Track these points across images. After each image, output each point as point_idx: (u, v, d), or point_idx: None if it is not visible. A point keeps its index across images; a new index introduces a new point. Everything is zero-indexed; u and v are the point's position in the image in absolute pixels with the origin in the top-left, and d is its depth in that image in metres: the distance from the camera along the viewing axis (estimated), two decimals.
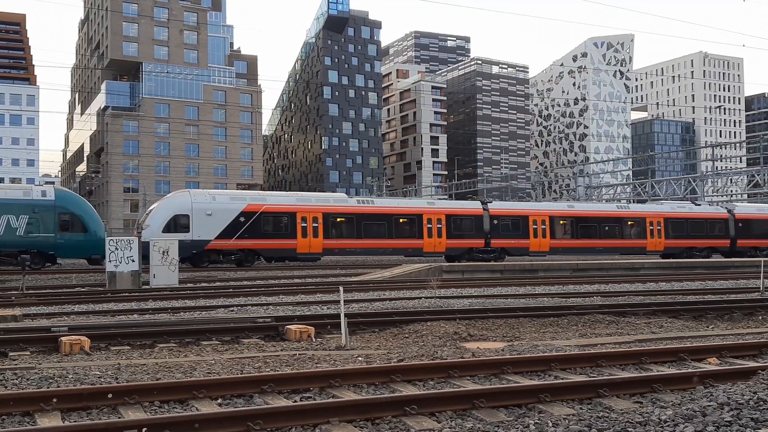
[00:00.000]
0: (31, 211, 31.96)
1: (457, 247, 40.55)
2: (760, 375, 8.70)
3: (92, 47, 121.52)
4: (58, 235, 32.42)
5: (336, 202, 39.12)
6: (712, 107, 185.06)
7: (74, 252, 33.56)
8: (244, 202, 36.00)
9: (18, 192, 33.23)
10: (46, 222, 32.13)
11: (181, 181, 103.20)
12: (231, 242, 35.04)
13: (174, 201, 35.29)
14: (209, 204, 34.89)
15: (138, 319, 15.02)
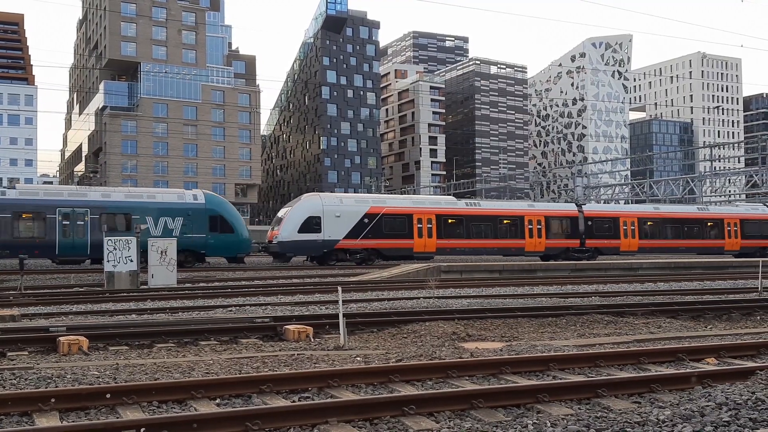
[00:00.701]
0: (185, 214, 35.05)
1: (555, 246, 42.74)
2: (759, 375, 8.70)
3: (90, 47, 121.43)
4: (208, 235, 35.39)
5: (447, 205, 41.25)
6: (711, 107, 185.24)
7: (222, 251, 36.32)
8: (367, 204, 38.31)
9: (172, 196, 36.41)
10: (198, 224, 35.18)
11: (180, 181, 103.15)
12: (357, 242, 37.35)
13: (307, 204, 37.39)
14: (337, 206, 37.30)
15: (136, 319, 15.00)
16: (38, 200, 33.70)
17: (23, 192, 34.70)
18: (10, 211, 32.78)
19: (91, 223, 33.64)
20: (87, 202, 34.30)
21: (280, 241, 35.52)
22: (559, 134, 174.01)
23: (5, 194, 33.89)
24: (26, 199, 33.66)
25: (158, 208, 34.95)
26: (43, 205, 33.31)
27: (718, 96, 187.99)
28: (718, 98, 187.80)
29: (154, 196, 36.26)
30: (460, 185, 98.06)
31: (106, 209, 34.32)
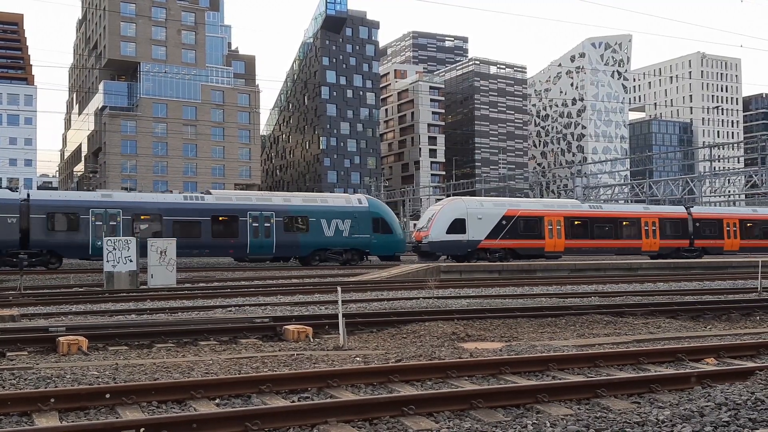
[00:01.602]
0: (352, 216, 38.54)
1: (667, 246, 44.87)
2: (758, 375, 8.71)
3: (90, 47, 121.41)
4: (372, 236, 38.82)
5: (573, 207, 43.71)
6: (710, 107, 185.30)
7: (383, 250, 39.42)
8: (504, 207, 40.41)
9: (341, 200, 40.16)
10: (363, 225, 38.62)
11: (179, 181, 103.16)
12: (496, 242, 39.25)
13: (453, 207, 39.59)
14: (479, 209, 39.49)
15: (136, 319, 15.00)
16: (232, 205, 36.96)
17: (219, 197, 37.67)
18: (209, 215, 36.18)
19: (276, 224, 37.03)
20: (272, 206, 37.76)
21: (430, 241, 38.12)
22: (558, 134, 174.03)
23: (204, 199, 37.13)
24: (221, 203, 36.93)
25: (330, 211, 38.34)
26: (236, 209, 36.63)
27: (718, 96, 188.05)
28: (718, 98, 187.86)
29: (326, 200, 40.21)
30: (459, 185, 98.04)
31: (288, 212, 37.76)
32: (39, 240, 33.09)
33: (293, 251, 37.96)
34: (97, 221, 34.00)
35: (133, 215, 34.83)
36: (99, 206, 34.42)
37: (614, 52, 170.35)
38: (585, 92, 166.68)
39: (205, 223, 35.86)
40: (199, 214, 36.02)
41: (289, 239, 37.35)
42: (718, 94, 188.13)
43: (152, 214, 35.30)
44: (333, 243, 38.16)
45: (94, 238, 33.34)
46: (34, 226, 32.97)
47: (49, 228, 33.38)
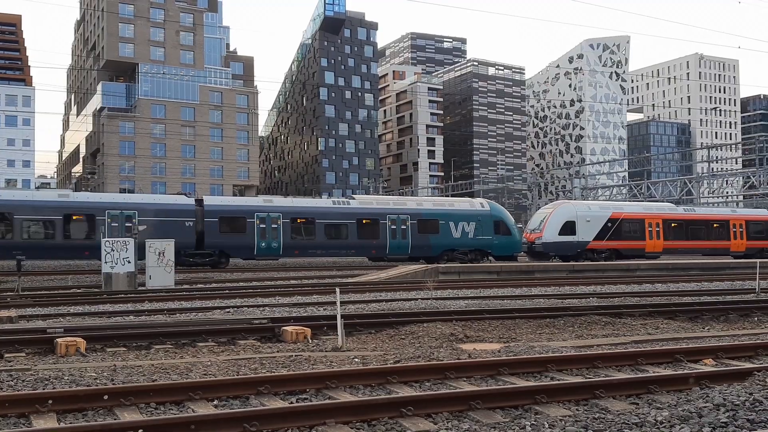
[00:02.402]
0: (476, 219, 40.68)
1: (753, 247, 46.78)
2: (756, 376, 8.71)
3: (88, 48, 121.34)
4: (493, 237, 40.70)
5: (669, 210, 46.30)
6: (708, 109, 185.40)
7: (503, 250, 40.84)
8: (609, 211, 43.11)
9: (466, 204, 42.31)
10: (486, 227, 40.65)
11: (177, 182, 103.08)
12: (602, 243, 41.62)
13: (564, 210, 42.23)
14: (587, 212, 42.12)
15: (134, 320, 15.00)
16: (374, 209, 39.90)
17: (362, 202, 41.11)
18: (354, 218, 38.85)
19: (411, 227, 39.70)
20: (407, 210, 40.48)
21: (544, 242, 40.62)
22: (556, 135, 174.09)
23: (350, 204, 40.39)
24: (365, 208, 39.96)
25: (457, 215, 40.66)
26: (377, 213, 39.41)
27: (716, 97, 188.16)
28: (716, 99, 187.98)
29: (453, 204, 42.72)
30: (458, 186, 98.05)
31: (421, 216, 40.22)
32: (212, 242, 35.81)
33: (425, 252, 40.01)
34: (260, 224, 36.52)
35: (290, 218, 37.40)
36: (262, 210, 36.99)
37: (612, 54, 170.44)
38: (583, 93, 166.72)
39: (351, 225, 38.64)
40: (346, 217, 38.94)
41: (422, 241, 39.82)
42: (716, 96, 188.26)
43: (307, 217, 38.09)
44: (460, 244, 40.30)
45: (259, 240, 36.32)
46: (207, 229, 35.75)
47: (220, 230, 36.01)
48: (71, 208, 33.69)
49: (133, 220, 33.66)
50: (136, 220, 33.59)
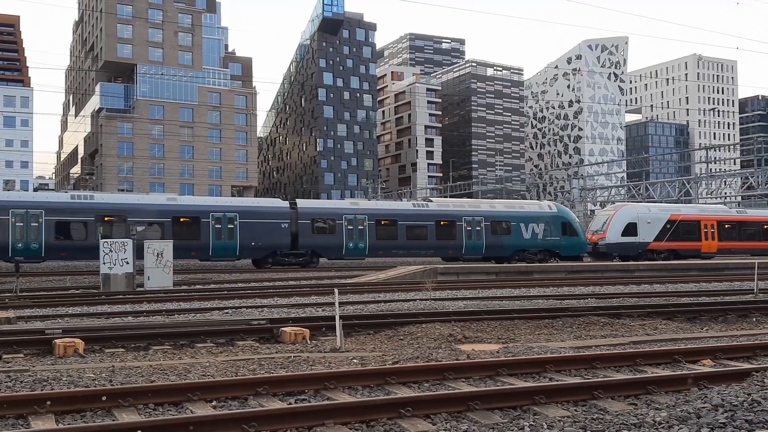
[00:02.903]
0: (545, 221, 42.41)
1: None
2: (755, 376, 8.72)
3: (86, 49, 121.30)
4: (561, 238, 42.42)
5: (723, 212, 47.95)
6: (706, 109, 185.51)
7: (570, 250, 42.52)
8: (668, 213, 45.02)
9: (535, 206, 44.07)
10: (554, 229, 42.36)
11: (176, 183, 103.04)
12: (661, 244, 43.66)
13: (626, 212, 44.07)
14: (647, 214, 44.08)
15: (132, 321, 14.99)
16: (451, 211, 41.54)
17: (440, 204, 43.02)
18: (433, 220, 40.73)
19: (485, 228, 41.43)
20: (481, 212, 42.05)
21: (607, 243, 42.76)
22: (555, 136, 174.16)
23: (428, 206, 42.09)
24: (442, 210, 41.76)
25: (528, 216, 42.36)
26: (454, 215, 41.15)
27: (714, 98, 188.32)
28: (714, 100, 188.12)
29: (523, 206, 44.25)
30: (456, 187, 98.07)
31: (494, 217, 41.87)
32: (305, 242, 37.89)
33: (498, 252, 41.50)
34: (348, 226, 38.56)
35: (375, 220, 39.43)
36: (350, 213, 39.14)
37: (611, 54, 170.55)
38: (581, 94, 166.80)
39: (430, 227, 40.50)
40: (425, 219, 40.77)
41: (495, 241, 41.48)
42: (714, 96, 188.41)
43: (390, 219, 40.00)
44: (530, 245, 42.00)
45: (347, 240, 38.48)
46: (301, 230, 37.76)
47: (312, 232, 38.02)
48: (179, 211, 35.90)
49: (234, 222, 35.95)
50: (238, 222, 35.97)
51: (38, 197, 35.86)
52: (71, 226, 33.73)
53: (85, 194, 35.68)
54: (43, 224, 32.58)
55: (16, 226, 32.17)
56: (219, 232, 35.55)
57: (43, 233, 32.56)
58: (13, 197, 35.25)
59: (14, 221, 32.14)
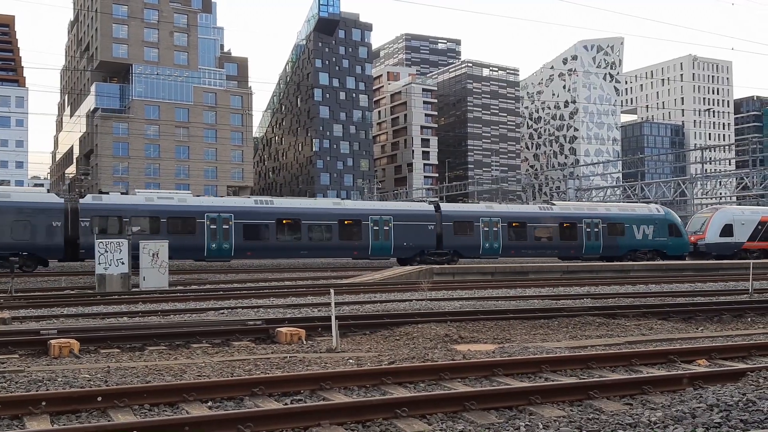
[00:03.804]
0: (654, 222, 45.12)
1: None
2: (750, 376, 8.74)
3: (82, 49, 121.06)
4: (668, 239, 44.94)
5: None
6: (702, 110, 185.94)
7: (675, 250, 44.87)
8: (759, 215, 48.21)
9: (645, 209, 46.87)
10: (661, 230, 44.92)
11: (171, 183, 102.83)
12: (754, 244, 46.65)
13: (722, 214, 47.23)
14: (741, 216, 47.36)
15: (128, 321, 14.97)
16: (573, 213, 44.07)
17: (562, 207, 45.02)
18: (557, 222, 43.24)
19: (602, 230, 43.97)
20: (599, 214, 44.62)
21: (707, 243, 46.09)
22: (551, 136, 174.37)
23: (552, 209, 44.33)
24: (566, 212, 44.01)
25: (639, 219, 45.03)
26: (575, 217, 43.67)
27: (709, 99, 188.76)
28: (709, 101, 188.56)
29: (634, 209, 47.10)
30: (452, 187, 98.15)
31: (610, 220, 44.42)
32: (448, 243, 40.25)
33: (614, 251, 43.79)
34: (485, 227, 41.09)
35: (507, 222, 41.83)
36: (486, 215, 41.50)
37: (606, 55, 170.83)
38: (577, 95, 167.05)
39: (554, 228, 43.14)
40: (550, 221, 43.31)
41: (611, 242, 43.92)
42: (709, 97, 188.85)
43: (520, 221, 42.48)
44: (641, 245, 44.43)
45: (484, 241, 40.95)
46: (445, 232, 40.27)
47: (454, 233, 40.44)
48: (343, 214, 38.99)
49: (389, 224, 39.17)
50: (392, 225, 39.18)
51: (228, 202, 39.23)
52: (256, 228, 36.49)
53: (266, 199, 39.87)
54: (232, 227, 35.40)
55: (210, 228, 35.04)
56: (377, 233, 38.97)
57: (232, 235, 35.36)
58: (206, 202, 37.90)
59: (208, 224, 35.02)
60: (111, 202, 34.43)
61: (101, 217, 33.27)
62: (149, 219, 34.30)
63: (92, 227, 32.39)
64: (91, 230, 32.05)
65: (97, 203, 33.91)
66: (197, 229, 34.77)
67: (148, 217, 34.32)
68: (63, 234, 32.41)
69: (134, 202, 34.77)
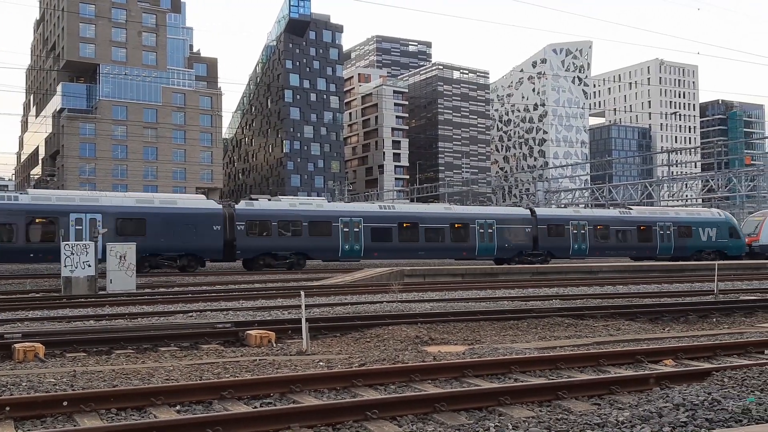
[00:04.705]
0: (716, 225, 49.23)
1: None
2: (715, 376, 8.86)
3: (48, 48, 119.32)
4: (728, 240, 48.95)
5: None
6: (668, 113, 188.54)
7: (734, 251, 48.61)
8: None
9: (708, 213, 51.10)
10: (723, 232, 49.15)
11: (139, 184, 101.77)
12: None
13: None
14: None
15: (94, 325, 14.78)
16: (647, 217, 48.06)
17: (639, 212, 49.07)
18: (635, 225, 47.25)
19: (674, 232, 48.05)
20: (671, 218, 48.72)
21: (761, 244, 49.66)
22: (520, 139, 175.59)
23: (630, 213, 48.36)
24: (641, 216, 48.11)
25: (704, 222, 49.11)
26: (650, 221, 47.68)
27: (676, 102, 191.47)
28: (676, 104, 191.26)
29: (699, 213, 51.39)
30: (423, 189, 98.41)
31: (680, 223, 48.51)
32: (543, 244, 44.33)
33: (683, 252, 47.72)
34: (574, 230, 45.02)
35: (593, 226, 45.61)
36: (575, 219, 45.70)
37: (575, 59, 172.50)
38: (546, 98, 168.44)
39: (632, 231, 47.28)
40: (629, 224, 47.27)
41: (681, 243, 48.11)
42: (675, 101, 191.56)
43: (604, 224, 46.32)
44: (705, 246, 48.47)
45: (573, 243, 45.01)
46: (540, 234, 44.11)
47: (548, 235, 44.43)
48: (454, 218, 42.64)
49: (493, 228, 42.79)
50: (495, 228, 42.75)
51: (357, 207, 43.08)
52: (381, 231, 40.09)
53: (389, 204, 44.82)
54: (362, 230, 39.16)
55: (343, 231, 38.72)
56: (482, 236, 42.64)
57: (362, 237, 39.06)
58: (339, 208, 41.85)
59: (342, 227, 38.70)
60: (261, 208, 38.15)
61: (253, 221, 36.96)
62: (292, 222, 37.93)
63: (246, 230, 36.39)
64: (245, 233, 36.14)
65: (249, 209, 37.55)
66: (333, 232, 38.42)
67: (291, 220, 37.91)
68: (222, 237, 35.80)
69: (280, 208, 38.50)
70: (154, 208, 35.00)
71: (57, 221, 32.27)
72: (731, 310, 18.04)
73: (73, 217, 32.47)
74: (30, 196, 33.62)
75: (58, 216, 32.40)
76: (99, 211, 33.18)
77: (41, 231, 32.88)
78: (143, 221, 34.10)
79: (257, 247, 37.10)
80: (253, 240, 36.73)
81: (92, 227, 32.43)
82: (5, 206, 32.18)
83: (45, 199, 33.44)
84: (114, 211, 33.77)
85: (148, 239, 33.46)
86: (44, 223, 32.88)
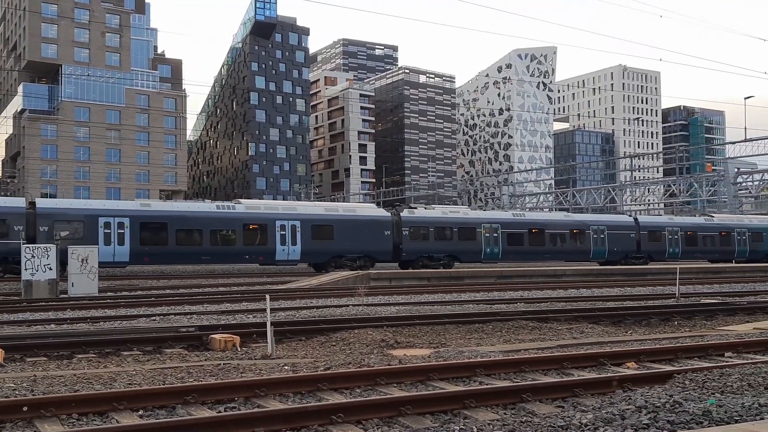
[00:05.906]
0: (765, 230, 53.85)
1: None
2: (676, 378, 9.00)
3: (9, 48, 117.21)
4: None
5: None
6: (631, 119, 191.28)
7: None
8: None
9: (755, 220, 55.49)
10: None
11: (102, 187, 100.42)
12: None
13: None
14: None
15: (55, 329, 14.53)
16: (727, 224, 53.03)
17: (720, 219, 53.78)
18: (717, 231, 51.69)
19: (748, 237, 52.73)
20: (745, 224, 53.49)
21: None
22: (486, 143, 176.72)
23: (713, 220, 52.84)
24: (723, 223, 52.83)
25: (751, 228, 53.49)
26: (730, 227, 52.52)
27: (638, 108, 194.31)
28: (638, 110, 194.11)
29: (751, 220, 55.45)
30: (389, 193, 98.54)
31: (753, 229, 53.45)
32: (644, 248, 48.59)
33: (756, 255, 52.64)
34: (669, 235, 49.38)
35: (684, 232, 50.21)
36: (670, 226, 50.14)
37: (540, 64, 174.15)
38: (511, 102, 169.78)
39: (715, 236, 51.61)
40: (713, 230, 51.59)
41: (754, 247, 52.89)
42: (638, 106, 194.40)
43: (692, 231, 50.88)
44: (752, 251, 53.06)
45: (668, 246, 49.48)
46: (642, 239, 48.46)
47: (648, 240, 48.70)
48: (573, 224, 46.77)
49: (604, 233, 46.75)
50: (606, 233, 46.80)
51: (494, 215, 46.32)
52: (515, 236, 43.68)
53: (520, 212, 49.32)
54: (500, 235, 43.05)
55: (485, 236, 42.52)
56: (596, 240, 46.47)
57: (500, 241, 42.92)
58: (481, 215, 45.56)
59: (484, 233, 42.56)
60: (420, 215, 42.18)
61: (415, 227, 40.84)
62: (445, 228, 41.97)
63: (410, 235, 40.37)
64: (409, 237, 40.18)
65: (413, 216, 41.62)
66: (476, 237, 42.34)
67: (444, 226, 42.02)
68: (392, 241, 39.66)
69: (435, 215, 42.75)
70: (340, 216, 39.34)
71: (266, 227, 36.41)
72: (692, 313, 18.34)
73: (278, 223, 36.59)
74: (243, 205, 37.45)
75: (266, 222, 36.48)
76: (297, 218, 37.25)
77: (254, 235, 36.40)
78: (331, 227, 38.29)
79: (418, 250, 40.80)
80: (416, 243, 40.72)
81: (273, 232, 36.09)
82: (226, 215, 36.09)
83: (255, 207, 37.58)
84: (308, 218, 37.82)
85: (336, 243, 37.99)
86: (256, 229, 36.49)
